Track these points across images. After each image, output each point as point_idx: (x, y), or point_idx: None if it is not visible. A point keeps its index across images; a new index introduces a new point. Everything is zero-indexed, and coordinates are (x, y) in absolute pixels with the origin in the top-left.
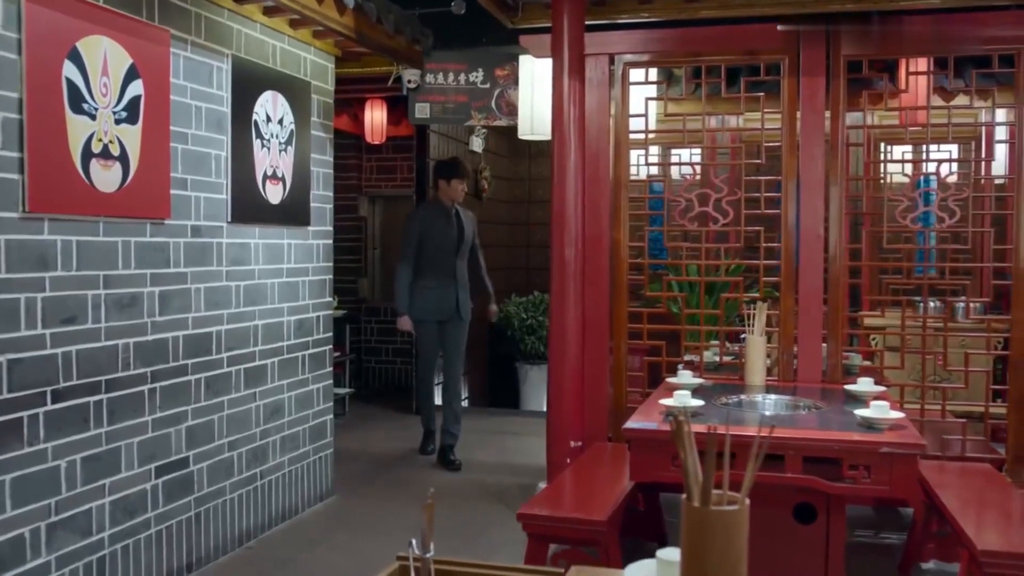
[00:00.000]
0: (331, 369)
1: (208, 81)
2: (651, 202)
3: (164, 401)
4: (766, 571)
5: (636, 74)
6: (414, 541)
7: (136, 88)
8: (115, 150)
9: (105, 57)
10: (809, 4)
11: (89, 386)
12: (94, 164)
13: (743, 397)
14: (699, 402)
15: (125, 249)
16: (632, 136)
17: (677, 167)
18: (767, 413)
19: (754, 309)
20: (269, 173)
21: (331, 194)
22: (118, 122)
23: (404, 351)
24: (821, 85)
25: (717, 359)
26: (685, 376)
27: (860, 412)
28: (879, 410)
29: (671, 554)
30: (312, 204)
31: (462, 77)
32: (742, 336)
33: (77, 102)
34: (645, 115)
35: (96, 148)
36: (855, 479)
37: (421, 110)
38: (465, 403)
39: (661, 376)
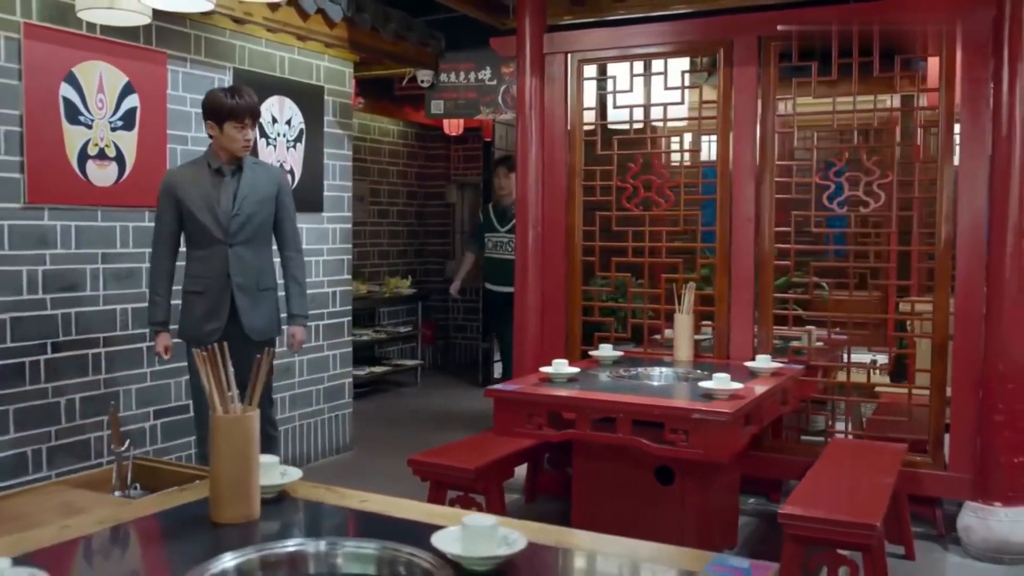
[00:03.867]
0: (350, 338)
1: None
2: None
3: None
4: (633, 525)
5: (590, 70)
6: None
7: (132, 101)
8: (111, 152)
9: (100, 78)
10: (702, 2)
11: (87, 341)
12: (90, 164)
13: (639, 370)
14: (574, 370)
15: (123, 232)
16: (586, 127)
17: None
18: (653, 383)
19: (685, 289)
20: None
21: (349, 183)
22: (114, 129)
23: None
24: (753, 74)
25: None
26: (606, 349)
27: (703, 383)
28: (719, 382)
29: (478, 520)
30: (326, 193)
31: (472, 75)
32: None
33: (74, 115)
34: (596, 108)
35: (92, 151)
36: (675, 442)
37: (436, 106)
38: None
39: None
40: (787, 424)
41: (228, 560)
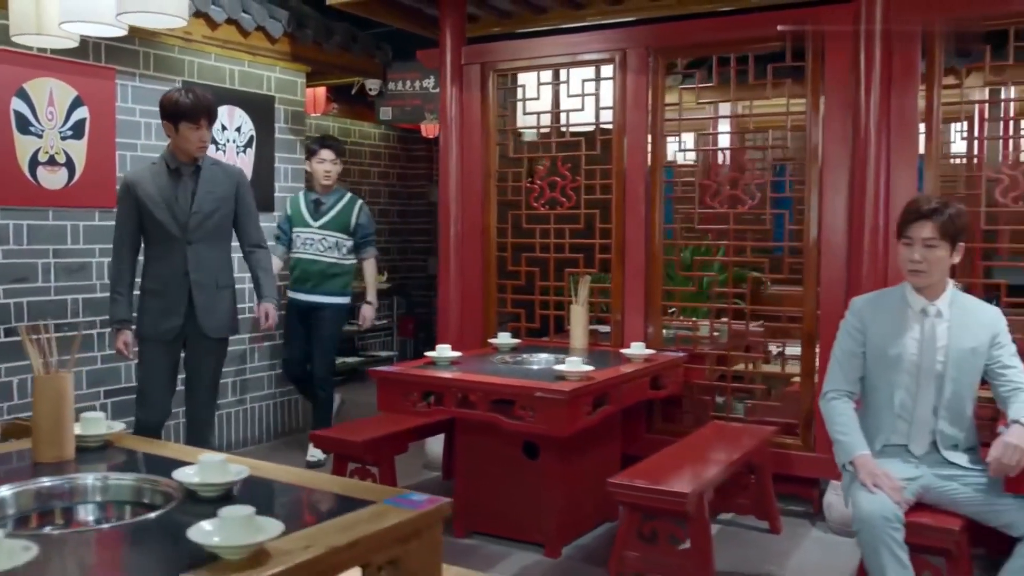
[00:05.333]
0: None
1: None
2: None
3: (113, 342)
4: (506, 497)
5: (504, 79)
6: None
7: (81, 113)
8: (61, 159)
9: (51, 92)
10: (614, 13)
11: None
12: (41, 170)
13: (525, 356)
14: (456, 354)
15: (74, 230)
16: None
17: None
18: (528, 367)
19: (580, 283)
20: None
21: (301, 184)
22: (64, 138)
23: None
24: (644, 82)
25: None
26: (504, 337)
27: (556, 366)
28: (571, 364)
29: (211, 456)
30: (277, 193)
31: (417, 83)
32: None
33: (25, 126)
34: (507, 113)
35: (43, 158)
36: (523, 418)
37: (385, 112)
38: None
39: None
40: (688, 410)
41: (5, 489)
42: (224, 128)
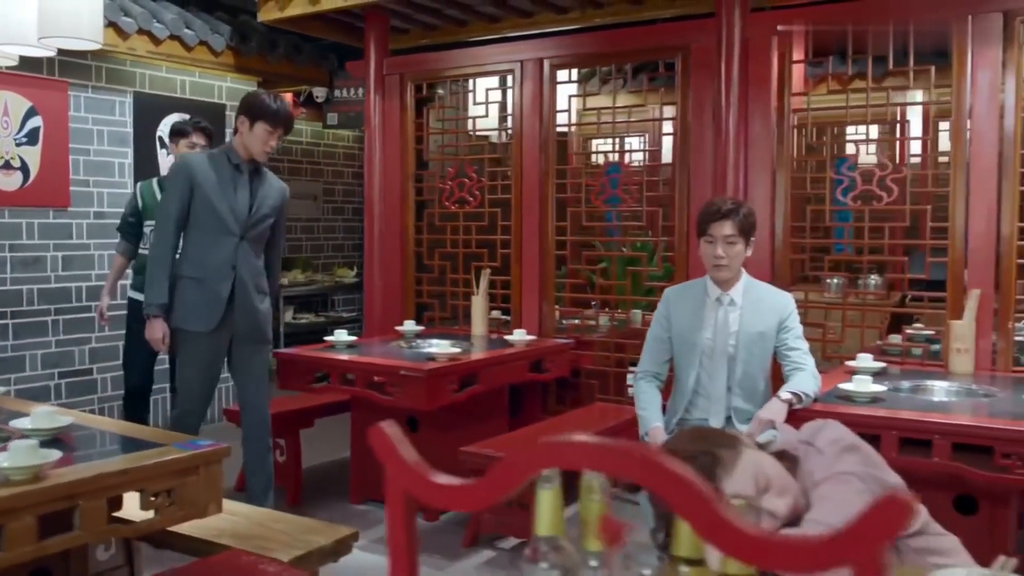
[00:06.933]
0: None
1: (111, 111)
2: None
3: (67, 328)
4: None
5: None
6: None
7: (35, 122)
8: (16, 163)
9: (6, 103)
10: (526, 27)
11: None
12: None
13: (420, 341)
14: (352, 338)
15: (29, 227)
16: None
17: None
18: (420, 351)
19: (481, 276)
20: None
21: None
22: (19, 145)
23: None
24: (537, 91)
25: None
26: (408, 325)
27: (426, 348)
28: (440, 347)
29: (20, 443)
30: None
31: (360, 91)
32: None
33: None
34: (421, 119)
35: None
36: (392, 394)
37: (331, 118)
38: None
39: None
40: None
41: None
42: None
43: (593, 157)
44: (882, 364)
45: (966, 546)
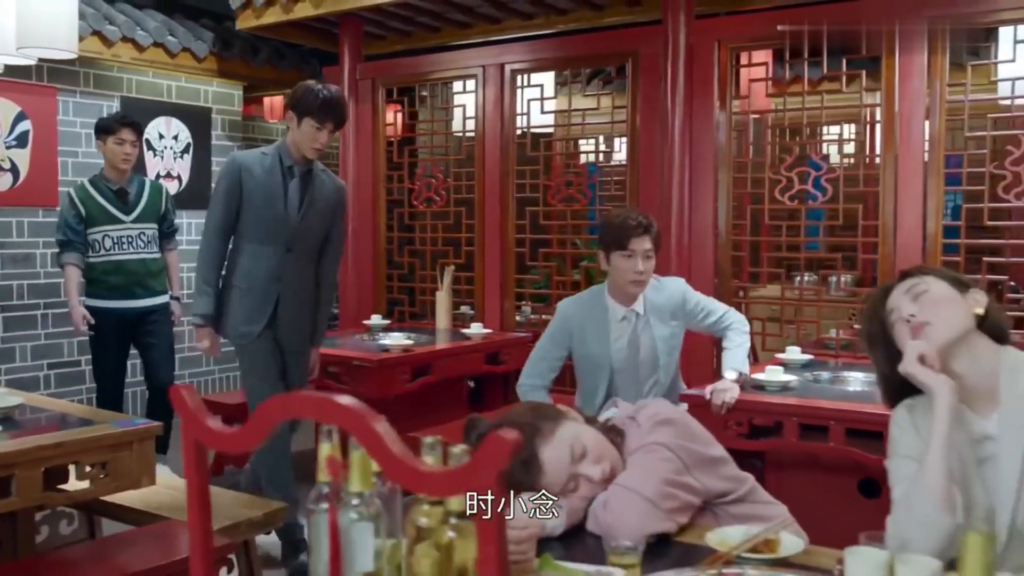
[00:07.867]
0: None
1: (98, 115)
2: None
3: (56, 322)
4: None
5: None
6: None
7: (25, 126)
8: (6, 165)
9: None
10: (495, 32)
11: None
12: None
13: (382, 334)
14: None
15: (19, 225)
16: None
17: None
18: (384, 343)
19: (445, 273)
20: (163, 173)
21: None
22: (9, 147)
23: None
24: (498, 95)
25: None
26: (376, 319)
27: (382, 340)
28: (394, 339)
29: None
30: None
31: None
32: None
33: None
34: (394, 123)
35: None
36: (347, 383)
37: None
38: None
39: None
40: None
41: None
42: (161, 136)
43: (559, 158)
44: (809, 356)
45: (871, 527)
